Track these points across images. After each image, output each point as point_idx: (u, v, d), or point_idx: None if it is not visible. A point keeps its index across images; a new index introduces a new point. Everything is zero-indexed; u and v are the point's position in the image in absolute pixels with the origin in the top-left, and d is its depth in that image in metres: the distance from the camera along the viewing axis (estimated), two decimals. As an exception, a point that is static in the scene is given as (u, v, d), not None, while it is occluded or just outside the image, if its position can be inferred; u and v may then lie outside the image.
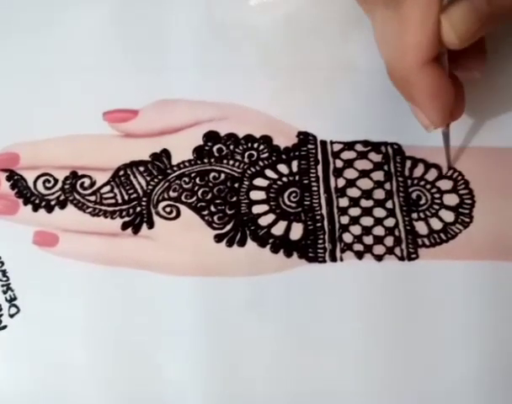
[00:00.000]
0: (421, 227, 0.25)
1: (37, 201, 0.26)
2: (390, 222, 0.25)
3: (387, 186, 0.26)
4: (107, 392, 0.24)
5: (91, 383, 0.24)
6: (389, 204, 0.26)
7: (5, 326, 0.25)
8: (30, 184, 0.26)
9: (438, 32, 0.21)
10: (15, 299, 0.25)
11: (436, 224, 0.26)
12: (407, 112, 0.27)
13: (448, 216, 0.26)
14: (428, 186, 0.26)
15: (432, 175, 0.26)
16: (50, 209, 0.26)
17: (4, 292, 0.25)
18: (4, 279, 0.25)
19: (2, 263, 0.26)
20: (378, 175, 0.26)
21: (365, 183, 0.26)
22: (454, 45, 0.22)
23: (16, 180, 0.27)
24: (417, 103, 0.23)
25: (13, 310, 0.25)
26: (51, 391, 0.24)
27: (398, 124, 0.27)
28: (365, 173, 0.26)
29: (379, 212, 0.26)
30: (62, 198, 0.26)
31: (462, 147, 0.27)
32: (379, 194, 0.26)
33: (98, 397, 0.24)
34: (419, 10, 0.20)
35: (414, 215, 0.26)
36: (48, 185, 0.26)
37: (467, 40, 0.22)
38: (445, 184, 0.26)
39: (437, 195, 0.26)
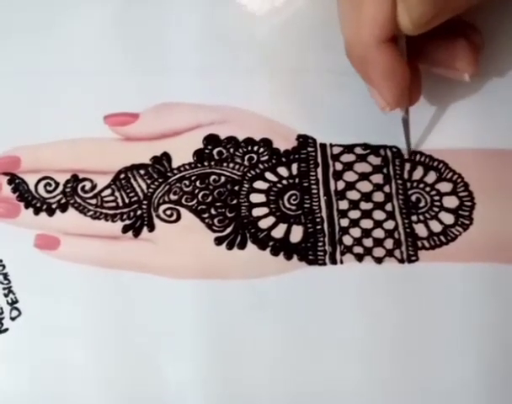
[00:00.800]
0: (421, 230, 0.25)
1: (38, 204, 0.26)
2: (389, 225, 0.26)
3: (387, 189, 0.26)
4: (107, 393, 0.24)
5: (91, 384, 0.24)
6: (389, 207, 0.26)
7: (7, 329, 0.25)
8: (31, 188, 0.27)
9: (394, 12, 0.21)
10: (17, 302, 0.25)
11: (436, 226, 0.26)
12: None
13: (448, 219, 0.26)
14: (427, 188, 0.26)
15: (431, 178, 0.26)
16: (51, 212, 0.26)
17: (6, 295, 0.25)
18: (6, 282, 0.26)
19: (4, 267, 0.26)
20: (377, 178, 0.26)
21: (365, 186, 0.26)
22: (408, 29, 0.22)
23: (17, 184, 0.27)
24: (372, 82, 0.23)
25: (15, 313, 0.25)
26: (52, 392, 0.24)
27: (398, 127, 0.27)
28: (364, 176, 0.26)
29: (379, 215, 0.26)
30: (63, 201, 0.26)
31: (462, 149, 0.27)
32: (378, 196, 0.26)
33: (98, 398, 0.24)
34: None
35: (414, 218, 0.26)
36: (49, 189, 0.27)
37: (421, 26, 0.22)
38: (445, 187, 0.26)
39: (437, 198, 0.26)
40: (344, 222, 0.26)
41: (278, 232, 0.26)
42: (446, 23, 0.22)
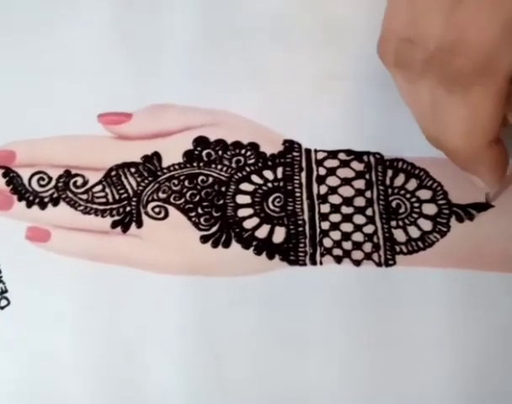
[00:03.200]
0: (399, 235, 0.26)
1: (31, 198, 0.27)
2: (369, 229, 0.26)
3: (368, 194, 0.27)
4: (92, 385, 0.25)
5: (76, 374, 0.25)
6: (369, 212, 0.27)
7: (-4, 318, 0.26)
8: (25, 181, 0.27)
9: (505, 113, 0.22)
10: (6, 292, 0.26)
11: (414, 232, 0.26)
12: (390, 122, 0.28)
13: (426, 225, 0.26)
14: (408, 195, 0.27)
15: (412, 185, 0.27)
16: (43, 205, 0.27)
17: (-4, 285, 0.26)
18: (-4, 271, 0.26)
19: (-5, 257, 0.26)
20: (359, 183, 0.27)
21: (347, 191, 0.27)
22: None
23: (12, 177, 0.27)
24: (479, 175, 0.24)
25: (4, 302, 0.26)
26: (38, 381, 0.25)
27: (381, 134, 0.27)
28: (346, 181, 0.27)
29: (359, 219, 0.26)
30: (55, 195, 0.27)
31: (443, 158, 0.27)
32: (360, 201, 0.27)
33: (83, 389, 0.25)
34: (490, 99, 0.21)
35: (393, 223, 0.26)
36: (42, 183, 0.27)
37: None
38: (425, 194, 0.27)
39: (416, 204, 0.27)
40: (325, 225, 0.26)
41: (261, 233, 0.26)
42: None
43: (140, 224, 0.27)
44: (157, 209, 0.27)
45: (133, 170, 0.27)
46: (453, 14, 0.20)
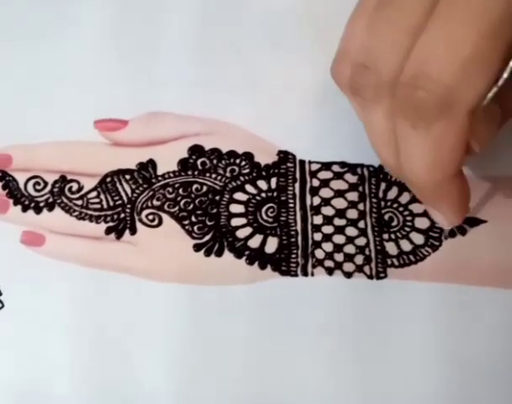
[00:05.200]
0: (391, 248, 0.26)
1: (26, 202, 0.27)
2: (361, 241, 0.27)
3: (361, 206, 0.27)
4: (83, 385, 0.25)
5: (68, 375, 0.25)
6: (361, 224, 0.27)
7: (-10, 320, 0.26)
8: (21, 186, 0.27)
9: (466, 148, 0.21)
10: (0, 294, 0.26)
11: (406, 245, 0.26)
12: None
13: (418, 239, 0.27)
14: (400, 208, 0.27)
15: (405, 198, 0.27)
16: (38, 210, 0.27)
17: (-10, 287, 0.26)
18: (-9, 274, 0.27)
19: (-10, 260, 0.27)
20: (353, 195, 0.27)
21: (340, 203, 0.27)
22: (475, 153, 0.23)
23: (8, 181, 0.28)
24: (438, 209, 0.24)
25: (-2, 304, 0.26)
26: (30, 383, 0.25)
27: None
28: (340, 193, 0.27)
29: (351, 231, 0.27)
30: (51, 200, 0.27)
31: None
32: (352, 213, 0.27)
33: (74, 389, 0.25)
34: (453, 133, 0.20)
35: (385, 236, 0.27)
36: (38, 187, 0.27)
37: (488, 146, 0.23)
38: (418, 208, 0.27)
39: (409, 218, 0.27)
40: (318, 236, 0.27)
41: (254, 242, 0.26)
42: None
43: (134, 231, 0.27)
44: (151, 217, 0.27)
45: (128, 177, 0.27)
46: (413, 46, 0.20)
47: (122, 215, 0.27)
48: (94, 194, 0.27)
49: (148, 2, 0.30)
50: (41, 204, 0.27)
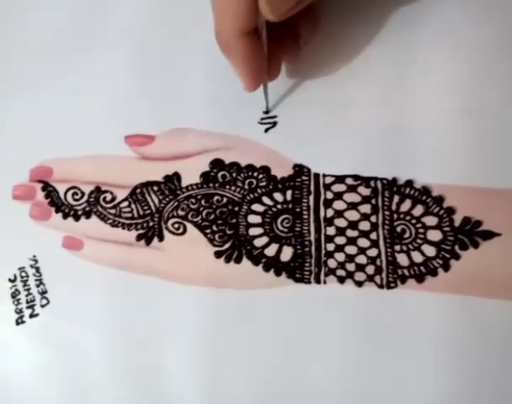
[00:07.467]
0: (402, 259, 0.27)
1: (66, 210, 0.30)
2: (373, 252, 0.27)
3: (373, 219, 0.28)
4: (114, 378, 0.28)
5: (103, 369, 0.28)
6: (373, 236, 0.28)
7: (37, 314, 0.29)
8: (61, 195, 0.30)
9: (255, 5, 0.23)
10: (46, 292, 0.29)
11: (418, 257, 0.27)
12: (399, 148, 0.28)
13: (430, 251, 0.27)
14: (413, 221, 0.28)
15: (418, 211, 0.28)
16: (77, 218, 0.30)
17: (37, 285, 0.30)
18: (38, 274, 0.30)
19: (36, 261, 0.30)
20: (365, 208, 0.28)
21: (353, 215, 0.28)
22: (270, 17, 0.23)
23: (49, 191, 0.30)
24: (234, 68, 0.26)
25: (44, 301, 0.29)
26: (69, 372, 0.28)
27: (390, 160, 0.28)
28: (353, 206, 0.28)
29: (363, 242, 0.28)
30: (88, 209, 0.30)
31: (452, 186, 0.28)
32: (365, 225, 0.28)
33: (108, 380, 0.28)
34: None
35: (397, 248, 0.27)
36: (76, 197, 0.30)
37: (283, 14, 0.23)
38: (431, 220, 0.27)
39: (421, 230, 0.27)
40: (330, 247, 0.28)
41: (270, 251, 0.28)
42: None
43: (161, 238, 0.29)
44: (176, 225, 0.29)
45: (155, 188, 0.29)
46: None
47: (151, 224, 0.29)
48: (126, 203, 0.30)
49: (174, 20, 0.31)
50: (79, 213, 0.30)
